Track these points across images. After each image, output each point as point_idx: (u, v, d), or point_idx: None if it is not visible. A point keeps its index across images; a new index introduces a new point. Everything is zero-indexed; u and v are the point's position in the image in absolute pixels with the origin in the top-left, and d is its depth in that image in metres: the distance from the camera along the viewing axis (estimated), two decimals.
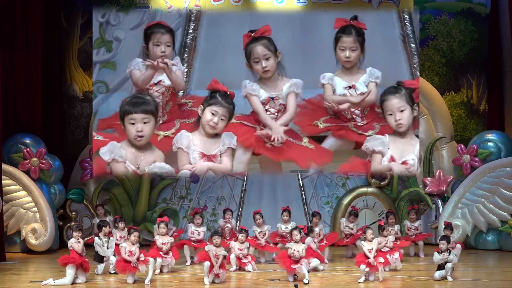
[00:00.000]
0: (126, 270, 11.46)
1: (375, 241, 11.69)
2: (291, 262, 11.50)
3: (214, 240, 11.42)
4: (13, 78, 14.75)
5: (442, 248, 11.62)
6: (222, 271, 11.35)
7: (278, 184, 14.76)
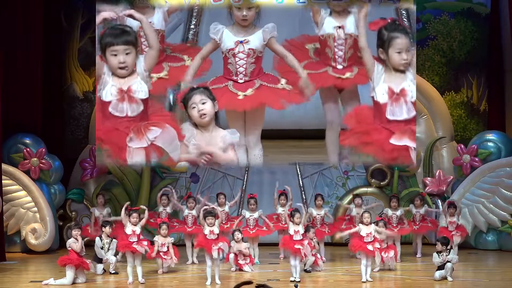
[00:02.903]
0: (125, 248, 11.53)
1: (373, 226, 11.75)
2: (295, 242, 11.52)
3: (208, 220, 11.49)
4: (13, 78, 14.74)
5: (438, 249, 11.62)
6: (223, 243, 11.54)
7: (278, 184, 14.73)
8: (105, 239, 12.37)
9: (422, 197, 14.34)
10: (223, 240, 11.68)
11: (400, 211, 13.90)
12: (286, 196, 13.79)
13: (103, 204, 14.51)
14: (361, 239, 11.74)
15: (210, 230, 11.51)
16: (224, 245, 11.59)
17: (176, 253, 12.40)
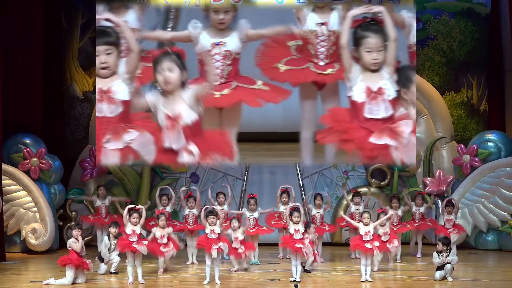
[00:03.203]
0: (126, 248, 11.55)
1: (371, 225, 11.77)
2: (295, 241, 11.54)
3: (210, 220, 11.52)
4: (13, 78, 14.74)
5: (438, 248, 11.63)
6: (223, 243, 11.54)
7: (278, 184, 14.73)
8: (112, 240, 12.38)
9: (422, 196, 14.36)
10: (223, 240, 11.68)
11: (400, 211, 13.94)
12: (288, 194, 13.83)
13: (104, 195, 14.56)
14: (360, 238, 11.77)
15: (211, 230, 11.52)
16: (224, 245, 11.60)
17: (175, 244, 12.44)
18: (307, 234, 11.86)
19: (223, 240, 11.68)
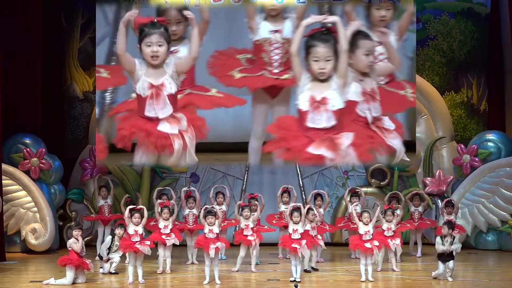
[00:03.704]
0: (128, 248, 11.58)
1: (371, 224, 11.77)
2: (293, 241, 11.56)
3: (208, 219, 11.54)
4: (13, 78, 14.75)
5: (444, 233, 11.60)
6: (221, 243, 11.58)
7: (278, 184, 14.75)
8: (116, 241, 12.37)
9: (420, 196, 14.36)
10: (221, 240, 11.69)
11: (399, 210, 13.93)
12: (289, 194, 13.84)
13: (106, 196, 14.59)
14: (360, 237, 11.77)
15: (209, 229, 11.53)
16: (222, 245, 11.60)
17: (177, 235, 12.56)
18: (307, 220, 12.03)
19: (221, 240, 11.69)
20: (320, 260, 13.35)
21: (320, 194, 13.97)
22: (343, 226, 14.32)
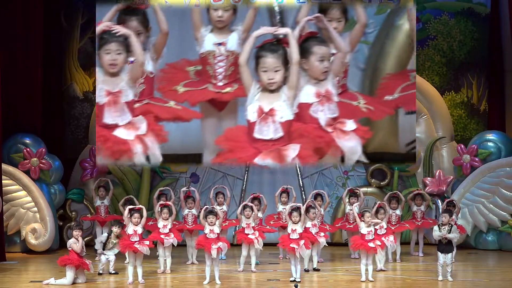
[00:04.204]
0: (127, 248, 11.59)
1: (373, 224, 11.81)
2: (290, 241, 11.56)
3: (209, 219, 11.52)
4: (13, 78, 14.74)
5: (444, 221, 11.59)
6: (222, 243, 11.57)
7: (278, 184, 14.75)
8: (112, 239, 12.37)
9: (422, 195, 14.35)
10: (222, 240, 11.69)
11: (399, 210, 13.94)
12: (288, 194, 13.84)
13: (103, 196, 14.57)
14: (362, 237, 11.76)
15: (210, 229, 11.53)
16: (224, 245, 11.60)
17: (176, 234, 12.55)
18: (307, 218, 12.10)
19: (222, 240, 11.69)
20: (320, 260, 13.34)
21: (320, 194, 13.97)
22: (340, 226, 14.33)
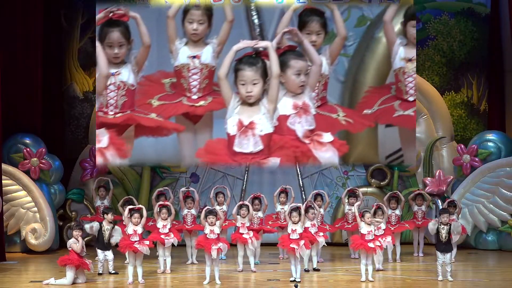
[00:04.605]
0: (127, 248, 11.58)
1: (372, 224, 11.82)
2: (290, 241, 11.56)
3: (209, 219, 11.52)
4: (13, 78, 14.75)
5: (444, 221, 11.60)
6: (222, 244, 11.57)
7: (278, 184, 14.75)
8: (106, 226, 12.38)
9: (422, 195, 14.35)
10: (222, 241, 11.69)
11: (398, 210, 13.94)
12: (286, 194, 13.84)
13: (104, 196, 14.58)
14: (362, 237, 11.76)
15: (210, 230, 11.52)
16: (224, 245, 11.60)
17: (176, 234, 12.57)
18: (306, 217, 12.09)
19: (223, 241, 11.69)
20: (320, 260, 13.35)
21: (320, 194, 13.97)
22: (339, 226, 14.33)
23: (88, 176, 15.67)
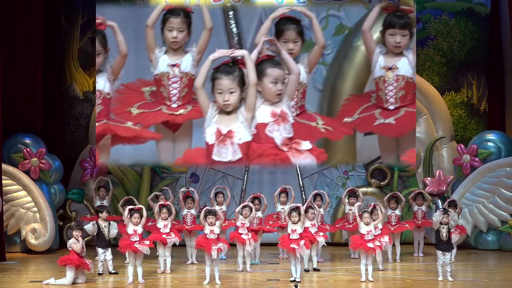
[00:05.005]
0: (127, 248, 11.59)
1: (372, 224, 11.80)
2: (290, 242, 11.57)
3: (209, 220, 11.53)
4: (13, 78, 14.75)
5: (444, 221, 11.60)
6: (222, 244, 11.57)
7: (278, 184, 14.75)
8: (102, 223, 12.39)
9: (423, 195, 14.35)
10: (222, 241, 11.69)
11: (398, 210, 13.93)
12: (287, 194, 13.85)
13: (104, 196, 14.58)
14: (362, 237, 11.77)
15: (210, 230, 11.52)
16: (224, 245, 11.60)
17: (176, 233, 12.57)
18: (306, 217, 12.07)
19: (222, 241, 11.69)
20: (320, 260, 13.35)
21: (319, 194, 13.97)
22: (340, 226, 14.34)
23: (88, 176, 15.68)
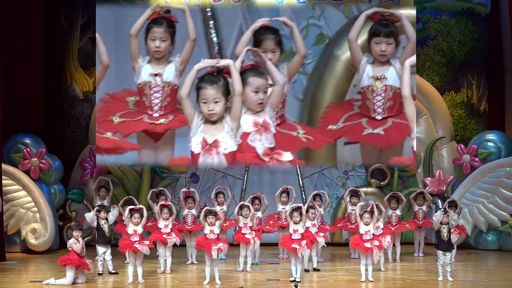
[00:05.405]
0: (127, 248, 11.60)
1: (371, 224, 11.80)
2: (292, 242, 11.57)
3: (209, 220, 11.54)
4: (13, 78, 14.75)
5: (444, 221, 11.61)
6: (222, 244, 11.57)
7: (278, 184, 14.76)
8: (102, 220, 12.41)
9: (424, 195, 14.35)
10: (222, 241, 11.69)
11: (399, 210, 13.93)
12: (288, 194, 13.85)
13: (104, 196, 14.60)
14: (360, 237, 11.78)
15: (210, 230, 11.53)
16: (224, 245, 11.60)
17: (177, 233, 12.59)
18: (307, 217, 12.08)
19: (222, 241, 11.69)
20: (320, 260, 13.36)
21: (319, 194, 13.97)
22: (342, 226, 14.35)
23: (88, 176, 15.68)
